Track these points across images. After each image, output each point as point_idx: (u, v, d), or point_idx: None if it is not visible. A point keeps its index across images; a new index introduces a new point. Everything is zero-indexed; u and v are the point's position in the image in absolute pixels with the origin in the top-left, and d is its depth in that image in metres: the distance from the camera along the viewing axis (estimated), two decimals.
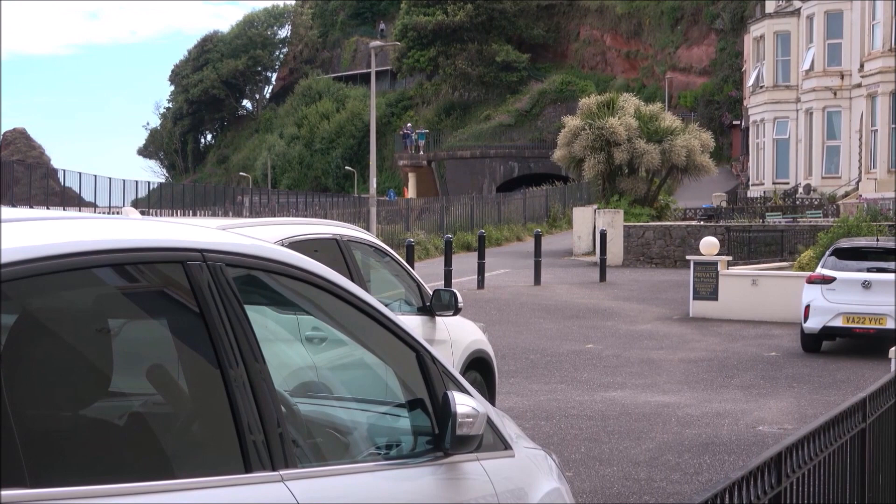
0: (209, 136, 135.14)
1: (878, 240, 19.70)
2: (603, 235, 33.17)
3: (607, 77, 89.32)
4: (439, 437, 4.19)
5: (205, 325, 3.39)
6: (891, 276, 17.75)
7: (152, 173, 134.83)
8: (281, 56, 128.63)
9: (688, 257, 25.68)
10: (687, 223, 39.92)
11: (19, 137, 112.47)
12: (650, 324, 22.63)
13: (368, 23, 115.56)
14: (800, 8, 55.54)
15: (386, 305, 5.03)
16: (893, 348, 9.89)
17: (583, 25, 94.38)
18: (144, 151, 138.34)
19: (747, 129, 63.74)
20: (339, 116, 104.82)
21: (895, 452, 6.68)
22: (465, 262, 33.84)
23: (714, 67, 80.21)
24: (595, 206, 43.11)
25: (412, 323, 9.34)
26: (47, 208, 38.60)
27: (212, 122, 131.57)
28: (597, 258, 33.57)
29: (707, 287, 23.47)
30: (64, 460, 2.92)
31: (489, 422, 4.52)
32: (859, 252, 18.84)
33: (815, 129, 53.91)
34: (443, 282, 26.61)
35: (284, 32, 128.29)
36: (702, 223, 40.00)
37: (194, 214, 56.38)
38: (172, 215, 54.40)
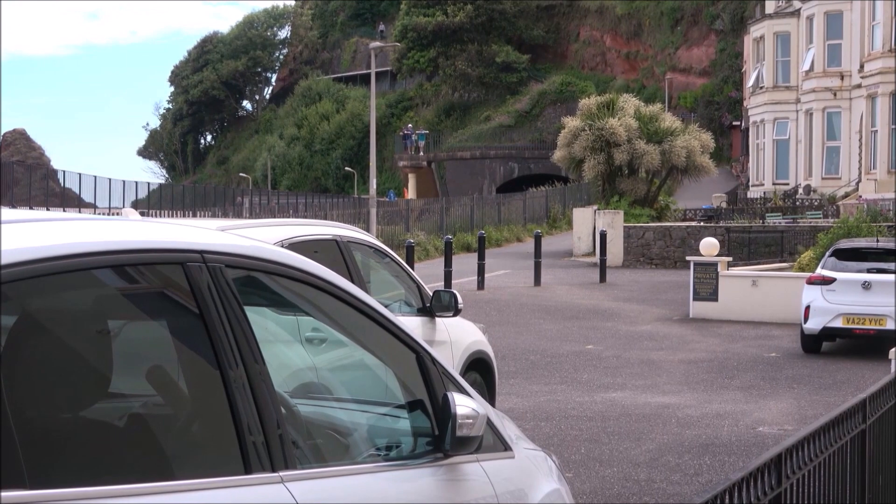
0: (209, 137, 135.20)
1: (878, 240, 19.70)
2: (603, 236, 33.17)
3: (607, 78, 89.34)
4: (439, 439, 4.19)
5: (204, 326, 3.39)
6: (891, 276, 17.75)
7: (152, 174, 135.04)
8: (281, 57, 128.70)
9: (688, 258, 25.67)
10: (687, 224, 39.92)
11: (19, 138, 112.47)
12: (650, 325, 22.63)
13: (368, 24, 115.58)
14: (800, 8, 55.55)
15: (386, 306, 5.03)
16: (893, 349, 9.89)
17: (583, 26, 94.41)
18: (144, 152, 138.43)
19: (747, 129, 63.75)
20: (339, 117, 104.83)
21: (895, 454, 6.68)
22: (465, 263, 33.84)
23: (714, 68, 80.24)
24: (595, 207, 43.10)
25: (412, 324, 9.34)
26: (47, 209, 38.65)
27: (212, 123, 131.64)
28: (597, 259, 33.57)
29: (707, 288, 23.46)
30: (64, 461, 2.92)
31: (489, 423, 4.52)
32: (859, 253, 18.83)
33: (814, 130, 53.93)
34: (443, 283, 26.61)
35: (284, 33, 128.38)
36: (702, 224, 39.99)
37: (194, 215, 56.38)
38: (172, 216, 54.40)
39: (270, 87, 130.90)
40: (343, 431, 4.24)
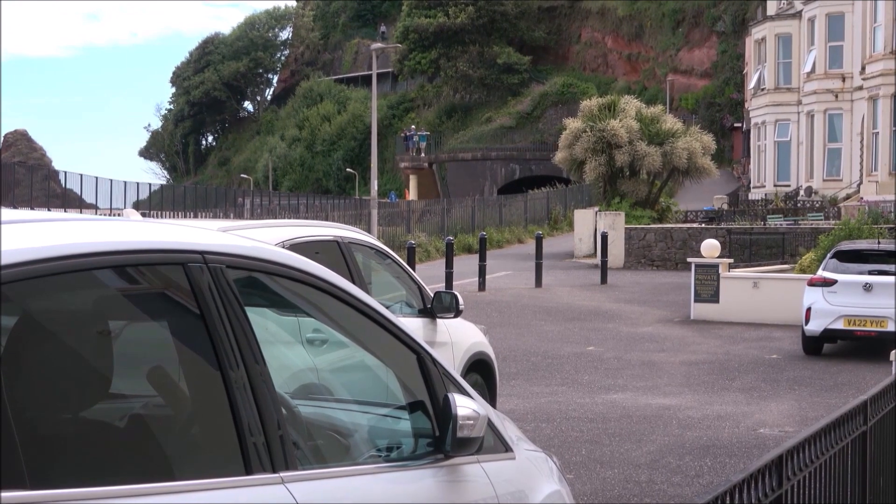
0: (210, 138, 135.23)
1: (879, 242, 19.70)
2: (604, 238, 33.18)
3: (608, 79, 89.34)
4: (440, 440, 4.19)
5: (205, 326, 3.39)
6: (892, 278, 17.74)
7: (153, 175, 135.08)
8: (282, 58, 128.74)
9: (689, 260, 25.67)
10: (688, 225, 39.92)
11: (20, 139, 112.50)
12: (651, 326, 22.63)
13: (370, 25, 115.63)
14: (801, 10, 55.54)
15: (387, 307, 5.03)
16: (894, 351, 9.88)
17: (584, 27, 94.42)
18: (146, 153, 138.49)
19: (748, 131, 63.74)
20: (341, 118, 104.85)
21: None
22: (466, 265, 33.83)
23: (715, 70, 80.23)
24: (596, 209, 43.10)
25: (413, 325, 9.33)
26: (48, 210, 38.63)
27: (213, 124, 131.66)
28: (598, 260, 33.57)
29: (708, 289, 23.46)
30: (64, 462, 2.93)
31: (490, 424, 4.52)
32: (860, 255, 18.82)
33: (816, 132, 53.91)
34: (444, 284, 26.60)
35: (286, 34, 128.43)
36: (703, 225, 40.00)
37: (195, 216, 56.38)
38: (174, 217, 54.39)
39: (272, 89, 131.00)
40: (344, 432, 4.24)
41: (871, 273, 18.24)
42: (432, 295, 10.09)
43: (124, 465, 3.16)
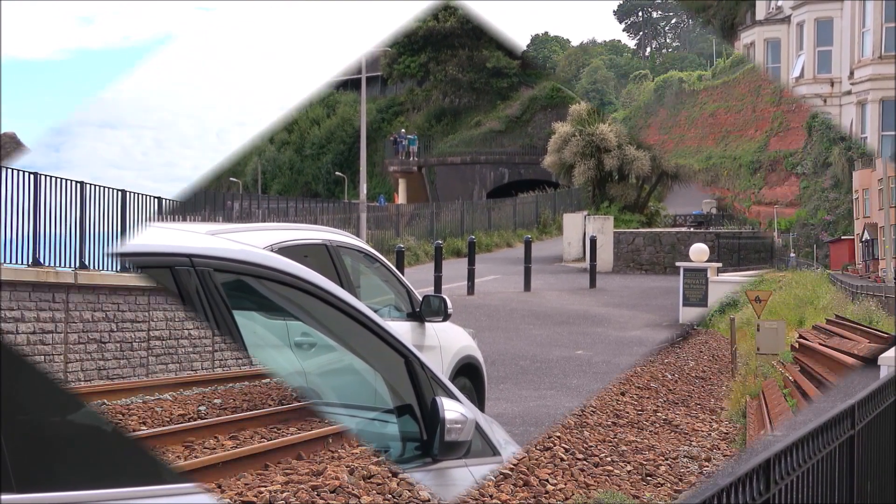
0: None
1: None
2: (593, 242, 33.19)
3: None
4: (428, 443, 4.19)
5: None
6: None
7: None
8: None
9: (677, 264, 25.70)
10: (677, 230, 39.97)
11: (9, 142, 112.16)
12: (640, 330, 22.63)
13: None
14: (790, 15, 55.66)
15: (375, 311, 5.02)
16: (883, 355, 9.90)
17: None
18: None
19: None
20: (330, 122, 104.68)
21: (889, 458, 6.68)
22: (455, 268, 33.79)
23: None
24: (585, 213, 43.12)
25: (401, 329, 9.32)
26: None
27: None
28: (587, 264, 33.58)
29: (697, 293, 23.48)
30: (52, 465, 2.91)
31: (478, 428, 4.52)
32: None
33: None
34: (432, 288, 26.59)
35: None
36: (692, 230, 40.05)
37: (184, 219, 56.21)
38: (162, 221, 54.19)
39: None
40: None
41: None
42: (421, 299, 10.09)
43: (113, 468, 3.15)
